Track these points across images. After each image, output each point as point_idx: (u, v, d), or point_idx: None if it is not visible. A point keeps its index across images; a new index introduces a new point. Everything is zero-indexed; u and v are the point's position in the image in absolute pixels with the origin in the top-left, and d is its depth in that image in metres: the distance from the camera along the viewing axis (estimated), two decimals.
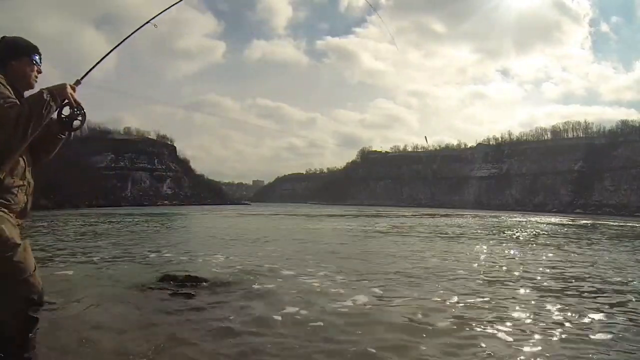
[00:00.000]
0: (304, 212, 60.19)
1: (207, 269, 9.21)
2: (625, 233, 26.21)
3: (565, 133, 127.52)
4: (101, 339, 4.43)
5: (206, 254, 12.19)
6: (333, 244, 15.67)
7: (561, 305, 6.26)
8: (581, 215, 71.46)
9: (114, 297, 6.49)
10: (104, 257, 11.22)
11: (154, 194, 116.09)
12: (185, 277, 7.61)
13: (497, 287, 7.68)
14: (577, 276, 9.04)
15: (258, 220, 36.45)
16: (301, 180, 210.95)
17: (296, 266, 9.80)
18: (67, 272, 8.84)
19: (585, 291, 7.40)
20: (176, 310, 5.73)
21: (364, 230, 24.05)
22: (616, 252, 14.30)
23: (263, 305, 6.12)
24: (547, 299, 6.64)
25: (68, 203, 61.29)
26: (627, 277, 9.06)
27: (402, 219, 40.29)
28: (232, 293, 6.86)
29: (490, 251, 13.87)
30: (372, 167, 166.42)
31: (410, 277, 8.64)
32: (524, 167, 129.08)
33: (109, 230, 21.91)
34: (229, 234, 20.27)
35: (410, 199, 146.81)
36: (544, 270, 9.75)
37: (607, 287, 7.88)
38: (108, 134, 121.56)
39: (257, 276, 8.45)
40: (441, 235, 21.10)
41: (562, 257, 12.68)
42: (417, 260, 11.15)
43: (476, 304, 6.27)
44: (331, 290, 7.23)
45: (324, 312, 5.82)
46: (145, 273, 8.77)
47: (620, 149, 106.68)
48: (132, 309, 5.77)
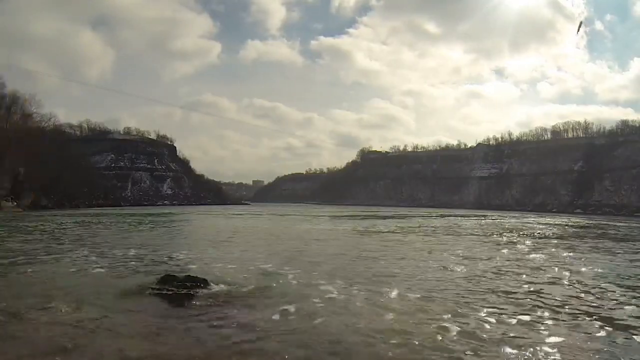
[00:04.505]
0: (313, 212, 60.05)
1: (207, 269, 9.27)
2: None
3: (565, 133, 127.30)
4: (100, 339, 4.48)
5: (206, 254, 12.25)
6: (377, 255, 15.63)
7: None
8: (581, 215, 71.47)
9: (115, 298, 6.55)
10: (105, 257, 11.27)
11: (154, 194, 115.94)
12: (185, 277, 7.67)
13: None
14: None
15: (260, 220, 36.44)
16: (301, 180, 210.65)
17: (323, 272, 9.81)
18: (67, 271, 8.90)
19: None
20: (176, 311, 5.78)
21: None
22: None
23: (262, 306, 6.18)
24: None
25: (68, 203, 61.23)
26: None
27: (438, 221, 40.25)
28: (233, 292, 6.92)
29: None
30: (372, 167, 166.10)
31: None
32: (524, 167, 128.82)
33: (109, 230, 21.94)
34: (229, 234, 20.31)
35: (410, 199, 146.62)
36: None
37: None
38: (108, 134, 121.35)
39: (256, 276, 8.51)
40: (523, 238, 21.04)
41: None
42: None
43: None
44: (344, 297, 7.27)
45: (326, 311, 5.88)
46: (145, 273, 8.83)
47: (620, 149, 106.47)
48: (132, 311, 5.82)
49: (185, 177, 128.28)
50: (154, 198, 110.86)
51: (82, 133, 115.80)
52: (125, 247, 13.82)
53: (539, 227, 31.07)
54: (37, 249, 12.90)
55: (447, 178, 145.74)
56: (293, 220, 36.23)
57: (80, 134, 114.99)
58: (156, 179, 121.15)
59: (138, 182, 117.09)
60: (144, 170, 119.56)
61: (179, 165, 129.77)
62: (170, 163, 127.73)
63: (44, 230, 20.47)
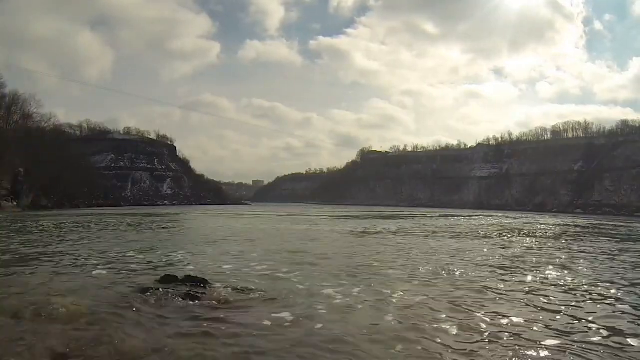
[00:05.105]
0: (313, 212, 60.07)
1: (207, 269, 9.27)
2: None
3: (565, 133, 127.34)
4: (100, 339, 4.47)
5: (206, 254, 12.24)
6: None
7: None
8: (581, 215, 71.47)
9: (115, 298, 6.53)
10: (105, 257, 11.26)
11: (154, 194, 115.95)
12: (185, 277, 7.67)
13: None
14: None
15: (260, 221, 36.45)
16: (301, 181, 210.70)
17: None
18: (67, 272, 8.89)
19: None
20: (176, 311, 5.77)
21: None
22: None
23: (263, 306, 6.17)
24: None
25: (68, 203, 61.19)
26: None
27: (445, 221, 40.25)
28: (233, 292, 6.90)
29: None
30: (372, 167, 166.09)
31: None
32: (524, 167, 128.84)
33: (109, 230, 21.93)
34: (229, 234, 20.30)
35: (410, 199, 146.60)
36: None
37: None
38: (108, 134, 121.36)
39: (257, 276, 8.51)
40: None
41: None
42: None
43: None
44: (345, 298, 7.24)
45: (330, 311, 5.86)
46: (145, 273, 8.82)
47: (620, 149, 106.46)
48: (132, 311, 5.81)
49: (185, 177, 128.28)
50: (154, 198, 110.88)
51: (82, 133, 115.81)
52: (125, 247, 13.81)
53: (540, 227, 31.08)
54: (37, 249, 12.89)
55: (447, 178, 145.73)
56: (293, 220, 36.22)
57: (80, 134, 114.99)
58: (156, 179, 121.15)
59: (138, 182, 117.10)
60: (144, 170, 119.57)
61: (179, 165, 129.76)
62: (170, 163, 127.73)
63: (43, 231, 20.46)
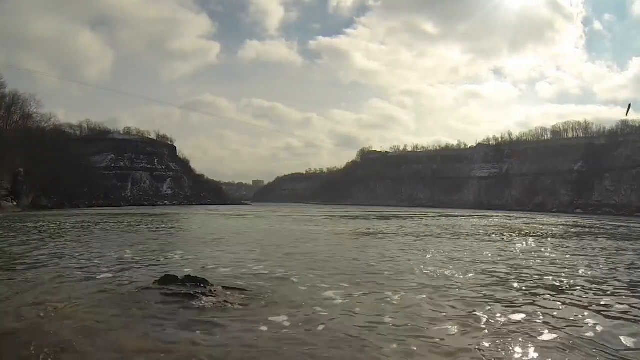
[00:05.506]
0: (313, 212, 60.09)
1: (207, 270, 9.27)
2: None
3: (565, 133, 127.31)
4: (100, 339, 4.46)
5: (206, 254, 12.24)
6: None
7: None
8: (581, 215, 71.47)
9: (115, 298, 6.53)
10: (105, 257, 11.25)
11: (154, 194, 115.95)
12: (185, 277, 7.65)
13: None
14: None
15: (260, 220, 36.44)
16: (301, 181, 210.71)
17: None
18: (67, 272, 8.88)
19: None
20: (176, 311, 5.77)
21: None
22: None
23: (263, 306, 6.17)
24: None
25: (68, 203, 61.19)
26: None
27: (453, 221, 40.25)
28: (233, 292, 6.90)
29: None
30: (372, 167, 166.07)
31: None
32: (524, 167, 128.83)
33: (109, 230, 21.93)
34: (229, 234, 20.30)
35: (410, 199, 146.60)
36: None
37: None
38: (108, 134, 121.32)
39: (257, 277, 8.51)
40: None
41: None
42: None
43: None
44: (345, 299, 7.24)
45: (332, 313, 5.85)
46: (145, 273, 8.81)
47: (620, 149, 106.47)
48: (132, 311, 5.81)
49: (185, 177, 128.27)
50: (154, 198, 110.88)
51: (82, 133, 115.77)
52: (125, 247, 13.81)
53: (541, 227, 31.08)
54: (37, 250, 12.88)
55: (447, 178, 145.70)
56: (293, 220, 36.23)
57: (80, 134, 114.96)
58: (156, 179, 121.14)
59: (138, 182, 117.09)
60: (144, 170, 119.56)
61: (179, 165, 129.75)
62: (170, 163, 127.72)
63: (43, 231, 20.45)
